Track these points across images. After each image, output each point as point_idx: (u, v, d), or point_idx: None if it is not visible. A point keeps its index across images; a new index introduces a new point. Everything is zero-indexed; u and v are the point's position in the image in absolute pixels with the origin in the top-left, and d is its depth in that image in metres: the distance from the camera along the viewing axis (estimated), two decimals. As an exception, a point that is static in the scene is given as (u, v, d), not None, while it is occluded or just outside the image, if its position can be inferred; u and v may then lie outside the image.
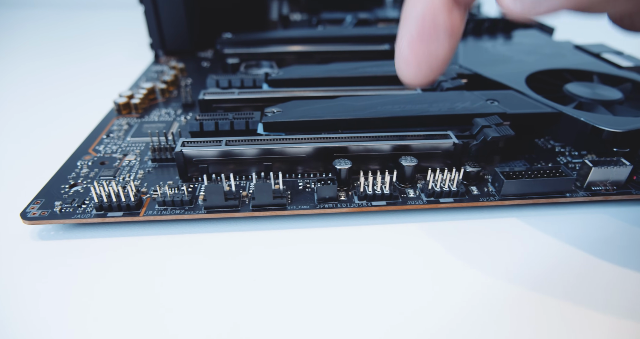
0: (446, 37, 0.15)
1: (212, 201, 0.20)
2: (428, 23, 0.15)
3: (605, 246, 0.19)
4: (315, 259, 0.19)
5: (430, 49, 0.15)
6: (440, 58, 0.16)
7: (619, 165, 0.21)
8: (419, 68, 0.16)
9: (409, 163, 0.21)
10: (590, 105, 0.26)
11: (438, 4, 0.15)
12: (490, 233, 0.20)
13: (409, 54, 0.16)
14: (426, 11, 0.15)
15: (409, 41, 0.15)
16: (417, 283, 0.17)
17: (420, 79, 0.16)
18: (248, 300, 0.17)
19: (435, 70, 0.16)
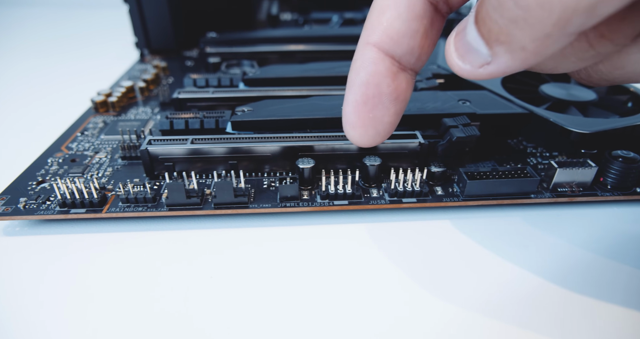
0: (391, 103, 0.15)
1: (173, 199, 0.20)
2: (372, 90, 0.15)
3: (568, 247, 0.19)
4: (274, 257, 0.19)
5: (375, 114, 0.15)
6: (386, 123, 0.16)
7: (585, 166, 0.21)
8: (365, 132, 0.16)
9: (372, 162, 0.21)
10: (563, 106, 0.26)
11: (383, 70, 0.15)
12: (453, 234, 0.20)
13: (354, 118, 0.16)
14: (370, 78, 0.15)
15: (353, 107, 0.15)
16: (377, 283, 0.17)
17: (366, 142, 0.16)
18: (203, 297, 0.17)
19: (382, 133, 0.16)
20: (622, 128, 0.23)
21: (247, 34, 0.39)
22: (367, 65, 0.15)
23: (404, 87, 0.15)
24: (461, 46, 0.13)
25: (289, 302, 0.17)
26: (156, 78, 0.34)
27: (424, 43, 0.15)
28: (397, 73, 0.15)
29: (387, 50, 0.15)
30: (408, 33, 0.14)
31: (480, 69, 0.13)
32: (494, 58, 0.12)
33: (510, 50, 0.12)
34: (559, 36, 0.11)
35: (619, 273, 0.18)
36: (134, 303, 0.16)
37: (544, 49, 0.12)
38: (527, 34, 0.11)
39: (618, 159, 0.21)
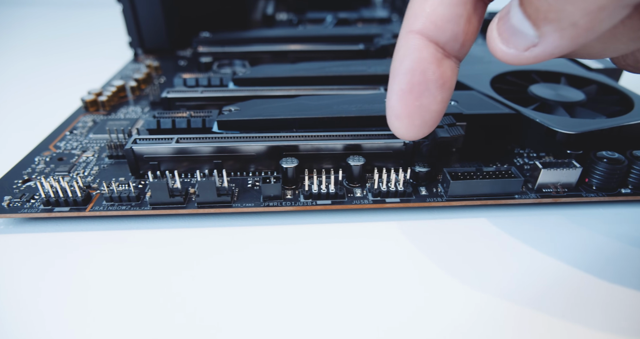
0: (437, 90, 0.15)
1: (157, 198, 0.20)
2: (418, 77, 0.15)
3: (552, 248, 0.19)
4: (257, 257, 0.19)
5: (421, 102, 0.15)
6: (433, 112, 0.15)
7: (569, 167, 0.21)
8: (412, 122, 0.15)
9: (356, 162, 0.21)
10: (551, 107, 0.26)
11: (427, 57, 0.15)
12: (436, 234, 0.20)
13: (400, 108, 0.15)
14: (415, 65, 0.15)
15: (399, 96, 0.15)
16: (356, 283, 0.17)
17: (413, 133, 0.16)
18: (184, 297, 0.17)
19: (429, 123, 0.16)
20: (608, 129, 0.23)
21: (240, 34, 0.39)
22: (411, 52, 0.15)
23: (449, 74, 0.15)
24: (505, 30, 0.13)
25: (270, 301, 0.17)
26: (148, 77, 0.34)
27: (467, 29, 0.14)
28: (442, 60, 0.15)
29: (432, 36, 0.14)
30: (452, 18, 0.14)
31: (526, 52, 0.13)
32: (541, 39, 0.12)
33: (560, 28, 0.12)
34: (614, 8, 0.11)
35: (603, 274, 0.18)
36: (116, 301, 0.17)
37: (596, 24, 0.11)
38: (580, 8, 0.11)
39: (603, 160, 0.21)
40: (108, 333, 0.15)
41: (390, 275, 0.18)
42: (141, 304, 0.16)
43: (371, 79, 0.29)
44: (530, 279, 0.18)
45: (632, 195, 0.21)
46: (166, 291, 0.17)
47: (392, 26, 0.41)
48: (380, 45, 0.36)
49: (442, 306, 0.16)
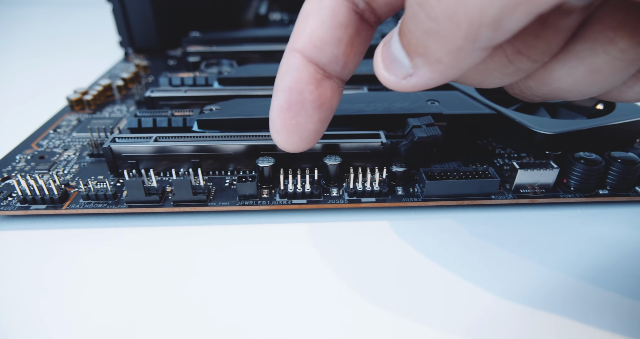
0: (314, 110, 0.15)
1: (132, 196, 0.20)
2: (295, 96, 0.15)
3: (528, 249, 0.19)
4: (231, 255, 0.19)
5: (298, 120, 0.15)
6: (310, 130, 0.16)
7: (547, 167, 0.21)
8: (289, 137, 0.16)
9: (332, 162, 0.21)
10: (533, 107, 0.26)
11: (305, 77, 0.15)
12: (411, 234, 0.20)
13: (278, 124, 0.16)
14: (293, 84, 0.15)
15: (277, 112, 0.15)
16: (331, 281, 0.17)
17: (291, 147, 0.16)
18: (154, 293, 0.17)
19: (306, 139, 0.16)
20: (587, 129, 0.23)
21: (230, 34, 0.39)
22: (290, 71, 0.15)
23: (329, 95, 0.15)
24: (386, 56, 0.13)
25: (244, 299, 0.17)
26: (135, 76, 0.34)
27: (349, 51, 0.14)
28: (322, 81, 0.15)
29: (311, 57, 0.14)
30: (332, 41, 0.14)
31: (403, 81, 0.13)
32: (415, 70, 0.12)
33: (428, 63, 0.12)
34: (471, 50, 0.11)
35: (581, 274, 0.18)
36: (90, 299, 0.17)
37: (459, 62, 0.12)
38: (441, 47, 0.11)
39: (580, 161, 0.21)
40: (81, 331, 0.15)
41: (363, 274, 0.18)
42: (115, 302, 0.16)
43: (355, 79, 0.29)
44: (507, 280, 0.18)
45: (610, 196, 0.21)
46: (137, 287, 0.17)
47: (381, 26, 0.41)
48: (368, 45, 0.36)
49: (414, 306, 0.16)
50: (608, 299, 0.17)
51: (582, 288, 0.17)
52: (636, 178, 0.21)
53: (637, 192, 0.21)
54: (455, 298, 0.17)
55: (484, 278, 0.18)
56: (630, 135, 0.25)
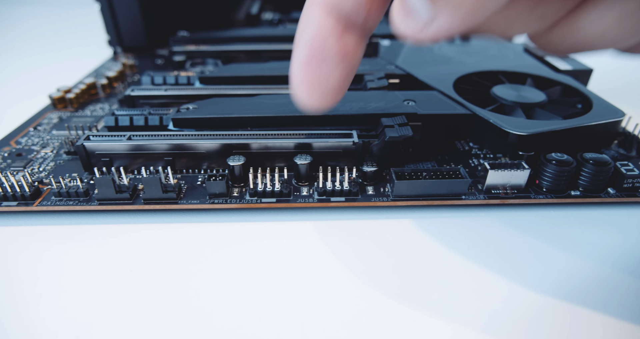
0: (337, 63, 0.15)
1: (103, 194, 0.20)
2: (317, 47, 0.15)
3: (498, 250, 0.19)
4: (197, 253, 0.19)
5: (320, 73, 0.15)
6: (333, 84, 0.15)
7: (518, 168, 0.21)
8: (311, 92, 0.15)
9: (302, 161, 0.21)
10: (510, 108, 0.25)
11: (327, 28, 0.15)
12: (379, 234, 0.20)
13: (300, 78, 0.15)
14: (314, 37, 0.15)
15: (299, 66, 0.15)
16: (298, 280, 0.18)
17: (314, 103, 0.16)
18: (119, 290, 0.17)
19: (329, 95, 0.16)
20: (561, 130, 0.22)
21: (218, 33, 0.39)
22: (311, 23, 0.15)
23: (351, 48, 0.15)
24: (404, 6, 0.13)
25: (206, 296, 0.17)
26: (120, 75, 0.34)
27: (370, 1, 0.14)
28: (343, 33, 0.15)
29: (332, 8, 0.14)
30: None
31: (423, 30, 0.13)
32: (435, 18, 0.12)
33: (449, 6, 0.12)
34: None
35: (551, 275, 0.18)
36: (57, 296, 0.17)
37: (482, 4, 0.11)
38: None
39: (551, 162, 0.21)
40: (49, 327, 0.16)
41: (329, 274, 0.18)
42: (83, 298, 0.17)
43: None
44: (474, 281, 0.18)
45: (582, 198, 0.21)
46: (101, 284, 0.17)
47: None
48: (353, 45, 0.36)
49: (378, 305, 0.16)
50: (577, 301, 0.17)
51: (550, 289, 0.17)
52: (608, 179, 0.21)
53: (609, 194, 0.21)
54: (420, 298, 0.17)
55: (451, 279, 0.18)
56: (607, 136, 0.24)
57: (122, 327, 0.16)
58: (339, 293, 0.17)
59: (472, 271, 0.18)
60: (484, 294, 0.17)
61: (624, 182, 0.21)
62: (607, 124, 0.23)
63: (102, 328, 0.15)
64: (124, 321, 0.16)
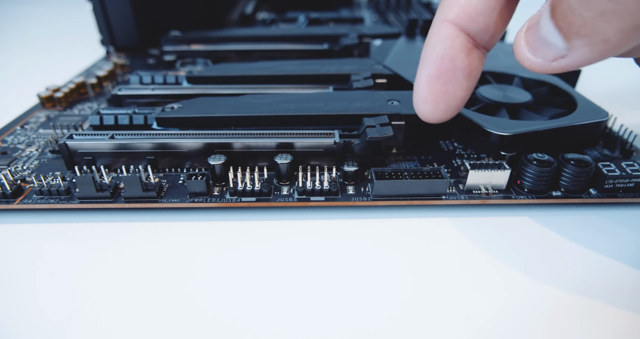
0: (464, 78, 0.16)
1: (84, 192, 0.21)
2: (447, 64, 0.16)
3: (474, 250, 0.19)
4: (179, 250, 0.19)
5: (447, 88, 0.16)
6: (458, 98, 0.16)
7: (499, 168, 0.21)
8: (437, 106, 0.16)
9: (283, 160, 0.21)
10: (495, 108, 0.25)
11: (458, 46, 0.15)
12: (359, 234, 0.20)
13: (427, 93, 0.16)
14: (445, 53, 0.16)
15: (427, 81, 0.16)
16: (275, 279, 0.18)
17: (436, 116, 0.17)
18: (97, 287, 0.17)
19: (452, 107, 0.16)
20: (543, 131, 0.22)
21: (209, 33, 0.39)
22: (443, 40, 0.15)
23: (477, 64, 0.16)
24: (534, 39, 0.14)
25: (184, 296, 0.17)
26: (110, 75, 0.34)
27: (498, 21, 0.15)
28: (472, 50, 0.16)
29: (464, 26, 0.15)
30: (485, 11, 0.15)
31: (553, 63, 0.13)
32: (570, 51, 0.13)
33: (590, 43, 0.12)
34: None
35: (531, 274, 0.18)
36: (36, 293, 0.17)
37: (628, 41, 0.12)
38: (614, 26, 0.11)
39: (532, 162, 0.21)
40: (28, 324, 0.16)
41: (307, 273, 0.18)
42: (62, 296, 0.17)
43: (323, 79, 0.30)
44: (454, 281, 0.18)
45: (563, 198, 0.21)
46: (79, 282, 0.17)
47: (360, 26, 0.41)
48: (343, 45, 0.36)
49: (361, 305, 0.16)
50: (557, 300, 0.17)
51: (530, 288, 0.17)
52: (589, 180, 0.21)
53: (590, 194, 0.21)
54: (397, 298, 0.17)
55: (429, 279, 0.18)
56: (591, 137, 0.24)
57: (99, 325, 0.16)
58: (316, 292, 0.17)
59: (451, 271, 0.18)
60: (463, 294, 0.17)
61: (605, 183, 0.21)
62: (591, 125, 0.23)
63: (79, 324, 0.16)
64: (101, 319, 0.16)
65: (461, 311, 0.16)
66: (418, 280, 0.17)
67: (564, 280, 0.17)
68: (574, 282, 0.17)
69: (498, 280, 0.17)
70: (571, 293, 0.17)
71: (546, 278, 0.18)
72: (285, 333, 0.15)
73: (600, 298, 0.17)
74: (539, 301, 0.16)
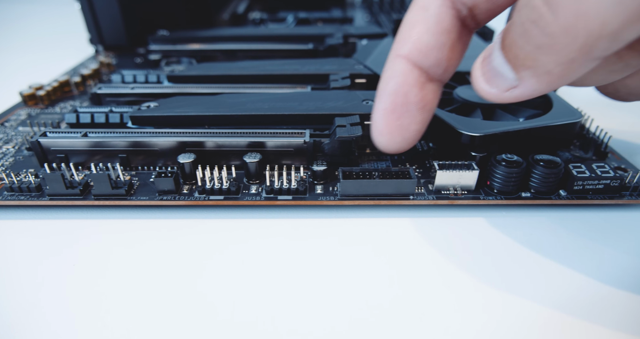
0: (418, 111, 0.16)
1: (53, 189, 0.21)
2: (400, 99, 0.16)
3: (441, 251, 0.19)
4: (143, 248, 0.19)
5: (402, 122, 0.16)
6: (412, 131, 0.17)
7: (467, 169, 0.21)
8: (392, 138, 0.17)
9: (252, 159, 0.21)
10: (470, 109, 0.25)
11: (411, 81, 0.16)
12: (324, 233, 0.20)
13: (382, 126, 0.16)
14: (398, 88, 0.16)
15: (382, 114, 0.16)
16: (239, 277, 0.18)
17: (393, 148, 0.17)
18: (64, 285, 0.17)
19: (408, 140, 0.17)
20: (515, 131, 0.22)
21: (197, 33, 0.40)
22: (396, 75, 0.16)
23: (431, 97, 0.16)
24: (488, 71, 0.14)
25: (150, 292, 0.17)
26: (95, 73, 0.34)
27: (451, 56, 0.15)
28: (425, 84, 0.16)
29: (416, 61, 0.15)
30: (436, 46, 0.15)
31: (506, 93, 0.14)
32: (520, 82, 0.13)
33: (536, 75, 0.13)
34: (584, 60, 0.12)
35: (495, 274, 0.18)
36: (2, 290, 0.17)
37: (569, 72, 0.12)
38: (553, 59, 0.12)
39: (501, 163, 0.21)
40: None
41: (271, 272, 0.18)
42: (29, 293, 0.17)
43: (303, 78, 0.30)
44: (418, 282, 0.18)
45: (532, 199, 0.21)
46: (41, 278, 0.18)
47: (347, 27, 0.41)
48: (328, 45, 0.36)
49: (319, 305, 0.16)
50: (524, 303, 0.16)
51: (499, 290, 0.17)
52: (558, 181, 0.21)
53: (560, 196, 0.21)
54: (361, 299, 0.17)
55: (395, 280, 0.18)
56: (565, 137, 0.24)
57: (62, 322, 0.16)
58: (278, 291, 0.17)
59: (417, 272, 0.18)
60: (428, 295, 0.17)
61: (574, 184, 0.21)
62: (564, 126, 0.23)
63: (42, 321, 0.16)
64: (65, 316, 0.16)
65: (426, 312, 0.16)
66: (383, 280, 0.17)
67: (532, 281, 0.17)
68: (541, 283, 0.17)
69: (465, 281, 0.17)
70: (537, 294, 0.17)
71: (513, 280, 0.17)
72: (246, 333, 0.15)
73: (564, 299, 0.17)
74: (505, 303, 0.16)
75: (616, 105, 0.33)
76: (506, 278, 0.18)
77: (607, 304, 0.16)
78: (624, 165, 0.24)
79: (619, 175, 0.21)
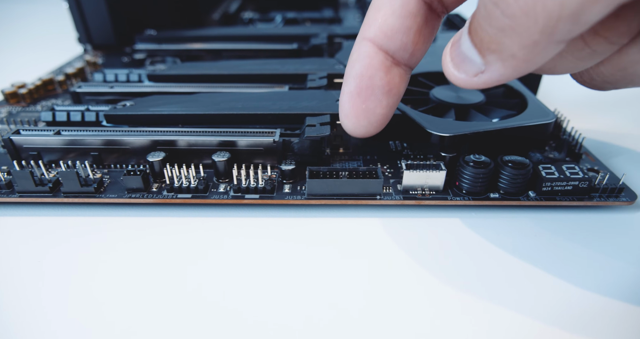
0: (383, 95, 0.16)
1: (22, 187, 0.21)
2: (365, 82, 0.16)
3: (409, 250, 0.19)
4: (109, 245, 0.19)
5: (367, 105, 0.16)
6: (378, 115, 0.17)
7: (435, 169, 0.21)
8: (358, 122, 0.17)
9: (220, 158, 0.22)
10: (445, 109, 0.25)
11: (376, 64, 0.16)
12: (290, 233, 0.20)
13: (348, 108, 0.17)
14: (364, 71, 0.16)
15: (348, 97, 0.16)
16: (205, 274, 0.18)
17: (359, 132, 0.17)
18: (30, 282, 0.17)
19: (374, 124, 0.17)
20: (486, 132, 0.22)
21: (184, 32, 0.40)
22: (362, 58, 0.16)
23: (397, 81, 0.16)
24: (456, 56, 0.14)
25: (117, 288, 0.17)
26: (79, 72, 0.35)
27: (417, 40, 0.15)
28: (391, 68, 0.16)
29: (381, 45, 0.15)
30: (401, 29, 0.15)
31: (475, 78, 0.14)
32: (487, 67, 0.13)
33: (501, 59, 0.12)
34: (547, 43, 0.11)
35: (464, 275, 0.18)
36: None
37: (533, 56, 0.12)
38: (516, 42, 0.12)
39: (469, 163, 0.21)
40: None
41: (238, 271, 0.18)
42: None
43: (282, 78, 0.30)
44: (383, 282, 0.17)
45: (500, 200, 0.21)
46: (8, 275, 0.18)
47: (335, 26, 0.41)
48: (312, 45, 0.36)
49: (283, 304, 0.17)
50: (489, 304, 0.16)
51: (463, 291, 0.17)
52: (527, 182, 0.21)
53: (529, 197, 0.21)
54: (331, 298, 0.17)
55: (360, 280, 0.18)
56: (538, 138, 0.24)
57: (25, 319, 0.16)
58: (244, 289, 0.17)
59: (383, 272, 0.18)
60: (394, 296, 0.17)
61: (543, 185, 0.21)
62: (536, 126, 0.23)
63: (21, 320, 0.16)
64: (25, 312, 0.16)
65: (391, 313, 0.16)
66: (350, 279, 0.17)
67: (500, 281, 0.17)
68: (510, 283, 0.17)
69: (433, 281, 0.17)
70: (507, 294, 0.17)
71: (481, 279, 0.17)
72: (208, 333, 0.15)
73: (532, 299, 0.16)
74: (474, 302, 0.16)
75: (595, 107, 0.33)
76: (474, 278, 0.17)
77: (575, 305, 0.16)
78: (597, 166, 0.23)
79: (587, 176, 0.21)
